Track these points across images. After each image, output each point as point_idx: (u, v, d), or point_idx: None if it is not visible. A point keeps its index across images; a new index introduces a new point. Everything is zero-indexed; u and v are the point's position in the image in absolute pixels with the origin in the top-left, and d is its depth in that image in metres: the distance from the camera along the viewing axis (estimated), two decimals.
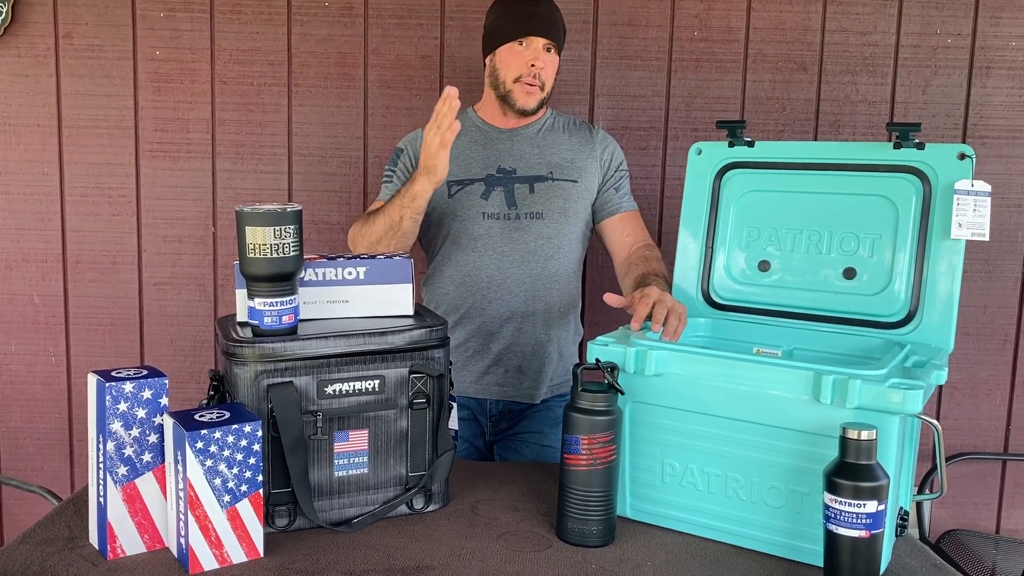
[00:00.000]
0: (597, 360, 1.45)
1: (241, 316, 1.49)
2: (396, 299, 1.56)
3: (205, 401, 1.43)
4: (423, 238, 2.11)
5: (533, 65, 1.98)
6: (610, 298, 1.66)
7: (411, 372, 1.48)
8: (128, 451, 1.32)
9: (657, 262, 1.96)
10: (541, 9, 2.01)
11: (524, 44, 1.98)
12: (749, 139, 1.77)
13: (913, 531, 2.46)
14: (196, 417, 1.31)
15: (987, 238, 1.55)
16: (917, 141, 1.60)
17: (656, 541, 1.44)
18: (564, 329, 2.09)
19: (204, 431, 1.27)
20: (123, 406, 1.31)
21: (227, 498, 1.29)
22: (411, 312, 1.57)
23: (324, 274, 1.53)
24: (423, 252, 2.17)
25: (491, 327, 2.03)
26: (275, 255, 1.39)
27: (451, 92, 1.69)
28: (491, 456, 2.14)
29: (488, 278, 2.01)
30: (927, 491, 2.49)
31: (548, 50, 2.00)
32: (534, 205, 2.02)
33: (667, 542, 1.44)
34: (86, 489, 1.47)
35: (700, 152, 1.82)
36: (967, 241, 1.57)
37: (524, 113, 2.04)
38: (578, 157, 2.07)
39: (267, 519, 1.41)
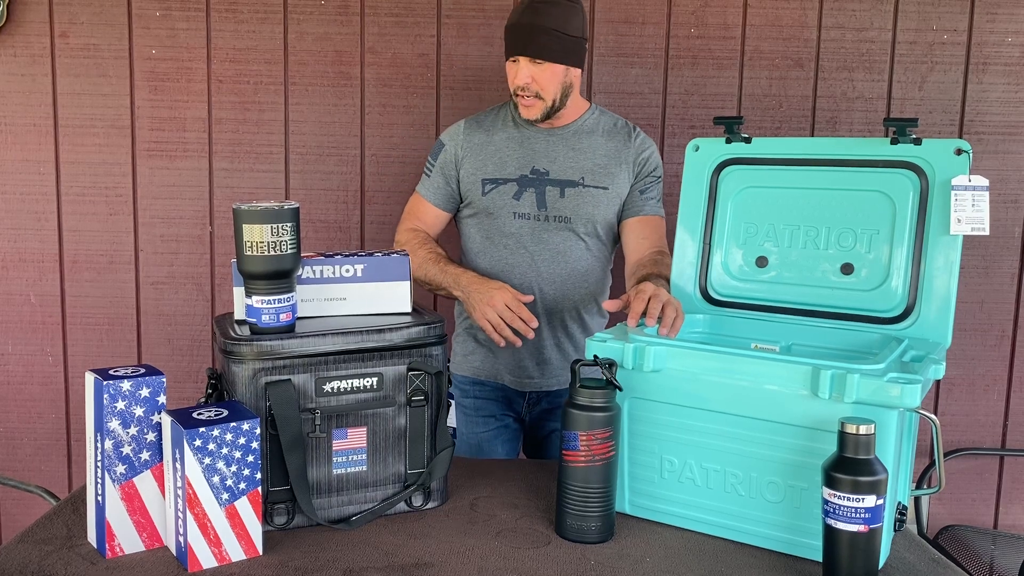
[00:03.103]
0: (595, 356, 1.45)
1: (239, 314, 1.49)
2: (394, 296, 1.56)
3: (203, 399, 1.43)
4: (459, 222, 2.15)
5: (517, 83, 1.97)
6: (609, 304, 1.70)
7: (409, 369, 1.48)
8: (126, 449, 1.32)
9: (667, 268, 1.93)
10: (525, 24, 1.94)
11: (515, 60, 1.98)
12: (746, 135, 1.77)
13: (911, 526, 2.46)
14: (194, 415, 1.30)
15: (987, 232, 1.55)
16: (914, 136, 1.60)
17: (655, 537, 1.44)
18: (591, 316, 2.13)
19: (202, 429, 1.26)
20: (121, 404, 1.30)
21: (225, 496, 1.29)
22: (409, 309, 1.57)
23: (322, 272, 1.52)
24: (456, 232, 2.19)
25: None
26: (273, 253, 1.39)
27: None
28: (527, 432, 2.19)
29: (521, 275, 2.06)
30: (925, 486, 2.49)
31: (538, 63, 1.96)
32: (563, 210, 2.04)
33: (666, 538, 1.44)
34: (84, 488, 1.47)
35: (697, 148, 1.82)
36: (964, 236, 1.57)
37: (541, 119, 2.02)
38: (611, 163, 2.06)
39: (266, 517, 1.41)
